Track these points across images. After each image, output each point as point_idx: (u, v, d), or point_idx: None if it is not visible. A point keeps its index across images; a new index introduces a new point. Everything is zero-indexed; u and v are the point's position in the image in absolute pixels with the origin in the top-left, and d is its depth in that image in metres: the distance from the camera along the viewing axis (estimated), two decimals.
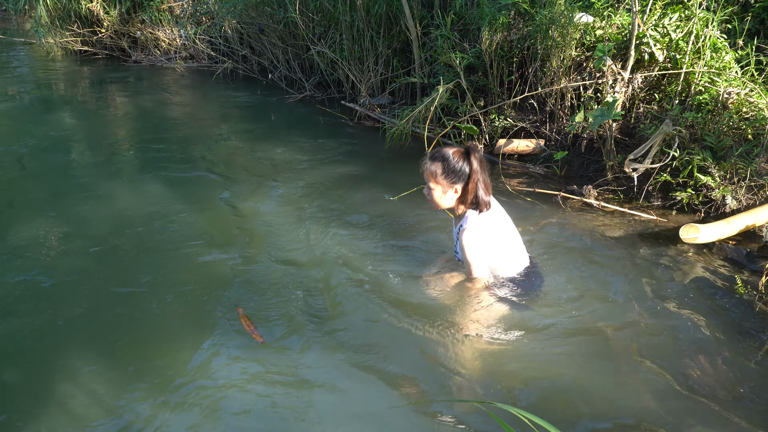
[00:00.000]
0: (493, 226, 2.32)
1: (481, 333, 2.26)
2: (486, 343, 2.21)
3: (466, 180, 2.22)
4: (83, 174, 3.98)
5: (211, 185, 3.79)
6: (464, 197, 2.26)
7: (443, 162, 2.22)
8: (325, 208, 3.40)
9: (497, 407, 1.74)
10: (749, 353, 2.17)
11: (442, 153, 2.24)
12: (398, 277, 2.62)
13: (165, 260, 2.83)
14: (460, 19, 4.59)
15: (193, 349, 2.19)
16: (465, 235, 2.26)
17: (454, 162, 2.21)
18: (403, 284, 2.58)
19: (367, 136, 4.91)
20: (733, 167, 3.13)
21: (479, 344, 2.21)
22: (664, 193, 3.42)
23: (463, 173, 2.21)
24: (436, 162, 2.23)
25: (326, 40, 5.76)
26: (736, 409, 1.91)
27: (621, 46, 3.65)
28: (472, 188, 2.22)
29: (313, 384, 2.01)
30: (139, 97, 6.45)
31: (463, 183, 2.23)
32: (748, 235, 3.03)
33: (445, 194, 2.27)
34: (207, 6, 7.49)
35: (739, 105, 3.17)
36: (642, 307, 2.44)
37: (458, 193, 2.26)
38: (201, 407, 1.91)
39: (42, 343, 2.25)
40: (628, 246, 2.95)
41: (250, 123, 5.41)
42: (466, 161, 2.21)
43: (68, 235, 3.06)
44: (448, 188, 2.25)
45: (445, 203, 2.31)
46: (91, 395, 1.97)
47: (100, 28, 8.41)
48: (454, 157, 2.21)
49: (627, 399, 1.95)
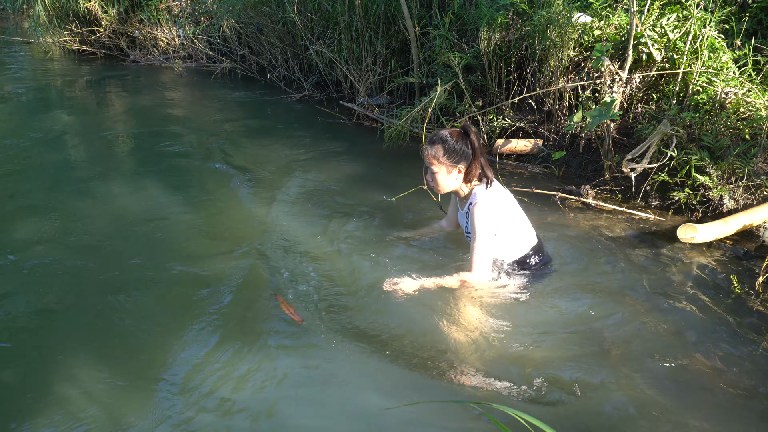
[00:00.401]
0: (502, 200, 2.36)
1: (479, 331, 2.26)
2: (484, 342, 2.21)
3: (468, 159, 2.28)
4: (81, 172, 3.98)
5: (208, 184, 3.79)
6: (468, 176, 2.31)
7: (443, 143, 2.26)
8: (322, 207, 3.40)
9: (493, 408, 1.74)
10: (746, 352, 2.18)
11: (440, 135, 2.29)
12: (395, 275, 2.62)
13: (163, 258, 2.83)
14: (459, 19, 4.60)
15: (193, 347, 2.19)
16: (477, 208, 2.28)
17: (453, 142, 2.25)
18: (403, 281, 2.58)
19: (365, 136, 4.92)
20: (730, 167, 3.14)
21: (478, 342, 2.21)
22: (661, 192, 3.43)
23: (464, 152, 2.26)
24: (436, 145, 2.28)
25: (325, 40, 5.76)
26: (733, 407, 1.92)
27: (619, 46, 3.66)
28: (476, 166, 2.28)
29: (309, 384, 2.02)
30: (137, 97, 6.45)
31: (466, 162, 2.28)
32: (745, 235, 3.04)
33: (449, 175, 2.31)
34: (205, 6, 7.49)
35: (736, 105, 3.18)
36: (639, 306, 2.44)
37: (462, 172, 2.30)
38: (199, 405, 1.91)
39: (39, 341, 2.24)
40: (626, 246, 2.95)
41: (249, 123, 5.41)
42: (466, 140, 2.26)
43: (66, 233, 3.06)
44: (452, 168, 2.29)
45: (450, 184, 2.35)
46: (88, 394, 1.97)
47: (99, 28, 8.40)
48: (452, 138, 2.26)
49: (624, 398, 1.95)
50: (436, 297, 2.46)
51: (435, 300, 2.44)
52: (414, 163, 3.97)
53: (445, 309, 2.39)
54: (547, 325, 2.30)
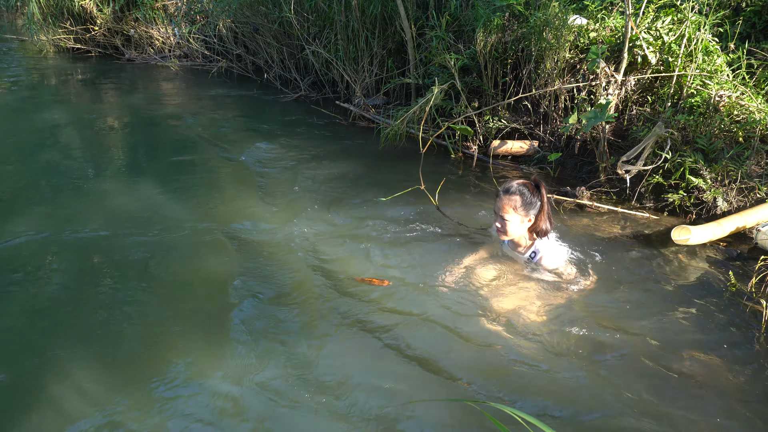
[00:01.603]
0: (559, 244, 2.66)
1: (479, 332, 2.27)
2: (483, 342, 2.22)
3: (537, 210, 2.47)
4: (74, 172, 3.96)
5: (203, 184, 3.78)
6: (536, 225, 2.50)
7: (521, 195, 2.44)
8: (318, 208, 3.40)
9: (491, 407, 1.75)
10: (739, 352, 2.20)
11: (518, 187, 2.45)
12: (394, 278, 2.63)
13: (157, 261, 2.82)
14: (455, 21, 4.61)
15: (191, 348, 2.19)
16: (546, 261, 2.54)
17: (529, 195, 2.45)
18: (398, 285, 2.59)
19: (361, 137, 4.92)
20: (724, 169, 3.16)
21: (477, 343, 2.22)
22: (656, 194, 3.45)
23: (535, 204, 2.46)
24: (514, 195, 2.45)
25: (321, 40, 5.76)
26: (727, 407, 1.93)
27: (614, 48, 3.68)
28: (542, 218, 2.48)
29: (304, 386, 2.02)
30: (132, 95, 6.42)
31: (535, 213, 2.47)
32: (738, 237, 3.06)
33: (521, 224, 2.49)
34: (201, 5, 7.47)
35: (730, 108, 3.20)
36: (634, 307, 2.46)
37: (531, 221, 2.49)
38: (197, 408, 1.91)
39: (33, 344, 2.23)
40: (620, 247, 2.97)
41: (245, 122, 5.40)
42: (538, 193, 2.46)
43: (59, 232, 3.04)
44: (525, 218, 2.48)
45: (519, 232, 2.53)
46: (84, 397, 1.96)
47: (93, 26, 8.36)
48: (528, 190, 2.46)
49: (619, 396, 1.97)
50: (436, 300, 2.47)
51: (432, 303, 2.45)
52: (409, 162, 3.98)
53: (445, 313, 2.40)
54: (540, 325, 2.31)
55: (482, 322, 2.33)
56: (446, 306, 2.43)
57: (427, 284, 2.58)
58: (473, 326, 2.31)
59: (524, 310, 2.40)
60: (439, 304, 2.44)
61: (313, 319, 2.36)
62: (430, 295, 2.50)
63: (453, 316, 2.37)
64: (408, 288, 2.56)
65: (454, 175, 4.02)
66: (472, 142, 4.41)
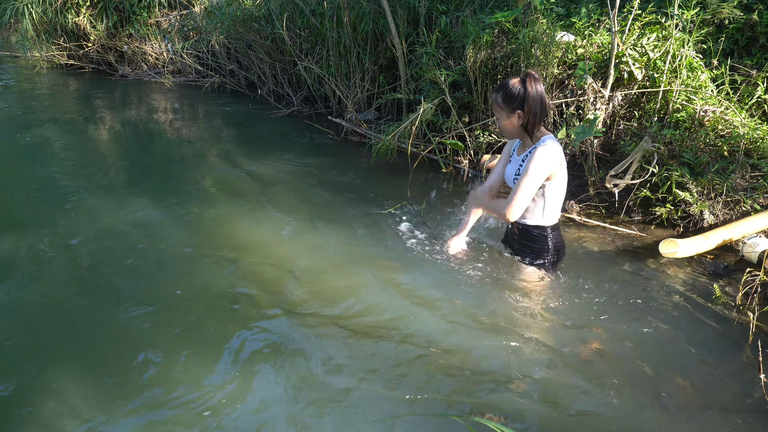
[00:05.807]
0: (563, 156, 2.41)
1: (466, 343, 2.28)
2: (471, 354, 2.23)
3: (522, 103, 2.33)
4: (67, 188, 3.95)
5: (197, 200, 3.79)
6: (526, 121, 2.35)
7: (503, 90, 2.35)
8: (311, 221, 3.41)
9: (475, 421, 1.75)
10: (726, 364, 2.21)
11: (502, 82, 2.38)
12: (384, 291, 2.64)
13: (149, 275, 2.82)
14: (445, 37, 4.67)
15: (188, 361, 2.18)
16: (540, 149, 2.34)
17: (513, 89, 2.33)
18: (390, 294, 2.60)
19: (353, 152, 4.95)
20: (710, 183, 3.21)
21: (465, 354, 2.23)
22: (644, 208, 3.49)
23: (518, 97, 2.32)
24: (497, 92, 2.37)
25: (313, 56, 5.82)
26: (715, 417, 1.95)
27: (601, 64, 3.74)
28: (528, 111, 2.32)
29: (293, 399, 2.01)
30: (125, 111, 6.44)
31: (522, 108, 2.34)
32: (725, 249, 3.10)
33: (509, 120, 2.38)
34: (194, 21, 7.53)
35: (715, 122, 3.26)
36: (622, 320, 2.48)
37: (521, 118, 2.35)
38: (194, 421, 1.90)
39: (24, 361, 2.22)
40: (609, 260, 3.00)
41: (238, 137, 5.43)
42: (523, 87, 2.32)
43: (51, 248, 3.04)
44: (510, 114, 2.36)
45: (512, 130, 2.42)
46: (75, 416, 1.95)
47: (87, 42, 8.40)
48: (512, 84, 2.33)
49: (606, 409, 1.97)
50: (432, 307, 2.48)
51: (427, 310, 2.46)
52: (401, 178, 4.01)
53: (437, 321, 2.40)
54: (527, 338, 2.32)
55: (467, 335, 2.34)
56: (434, 318, 2.43)
57: (414, 296, 2.59)
58: (458, 339, 2.32)
59: (511, 323, 2.41)
60: (425, 317, 2.44)
61: (302, 335, 2.35)
62: (420, 306, 2.51)
63: (438, 329, 2.37)
64: (396, 301, 2.57)
65: (445, 190, 4.06)
66: (463, 156, 4.45)
